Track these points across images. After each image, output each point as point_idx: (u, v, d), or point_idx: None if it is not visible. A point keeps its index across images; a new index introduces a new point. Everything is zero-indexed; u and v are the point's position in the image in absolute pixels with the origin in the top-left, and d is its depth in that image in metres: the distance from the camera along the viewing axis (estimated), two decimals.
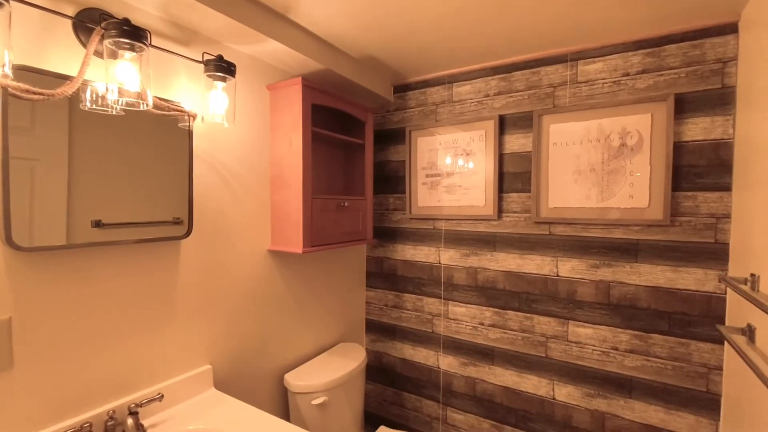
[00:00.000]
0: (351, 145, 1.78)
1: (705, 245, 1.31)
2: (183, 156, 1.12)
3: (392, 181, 1.99)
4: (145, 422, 1.03)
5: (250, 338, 1.41)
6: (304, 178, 1.36)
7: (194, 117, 1.11)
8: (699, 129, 1.31)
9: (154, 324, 1.10)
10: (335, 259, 1.85)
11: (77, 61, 0.89)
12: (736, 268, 1.21)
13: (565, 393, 1.56)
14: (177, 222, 1.12)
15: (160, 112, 1.01)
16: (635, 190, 1.39)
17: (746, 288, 0.99)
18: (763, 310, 0.78)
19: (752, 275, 1.01)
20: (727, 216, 1.28)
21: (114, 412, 0.96)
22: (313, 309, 1.71)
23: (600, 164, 1.45)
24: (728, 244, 1.28)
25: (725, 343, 1.28)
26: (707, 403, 1.32)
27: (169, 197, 1.10)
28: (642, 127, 1.38)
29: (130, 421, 0.97)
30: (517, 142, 1.63)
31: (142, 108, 0.90)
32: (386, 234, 2.01)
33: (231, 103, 1.15)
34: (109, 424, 0.95)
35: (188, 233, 1.14)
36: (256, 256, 1.42)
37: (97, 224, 0.95)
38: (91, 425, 0.91)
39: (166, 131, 1.08)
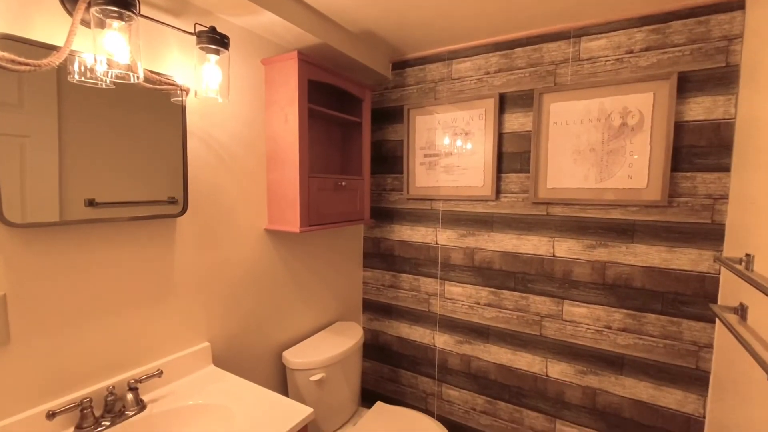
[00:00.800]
0: (348, 124, 1.75)
1: (701, 226, 1.32)
2: (176, 132, 1.09)
3: (390, 161, 1.96)
4: (145, 397, 1.05)
5: (248, 316, 1.42)
6: (301, 156, 1.34)
7: (187, 91, 1.08)
8: (701, 109, 1.30)
9: (151, 301, 1.10)
10: (332, 239, 1.84)
11: (64, 31, 0.85)
12: (731, 249, 1.22)
13: (558, 370, 1.60)
14: (172, 201, 1.10)
15: (151, 86, 0.98)
16: (634, 170, 1.38)
17: (741, 267, 0.99)
18: (758, 288, 0.78)
19: (747, 255, 1.02)
20: (725, 197, 1.28)
21: (114, 387, 0.97)
22: (310, 288, 1.72)
23: (600, 144, 1.43)
24: (724, 224, 1.28)
25: (716, 321, 1.30)
26: (696, 380, 1.35)
27: (163, 175, 1.08)
28: (644, 106, 1.36)
29: (129, 396, 0.98)
30: (516, 122, 1.61)
31: (132, 81, 0.87)
32: (384, 214, 2.01)
33: (225, 77, 1.12)
34: (109, 399, 0.95)
35: (183, 211, 1.12)
36: (253, 235, 1.41)
37: (91, 203, 0.93)
38: (91, 400, 0.92)
39: (158, 107, 1.05)
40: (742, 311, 1.04)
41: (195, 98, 1.14)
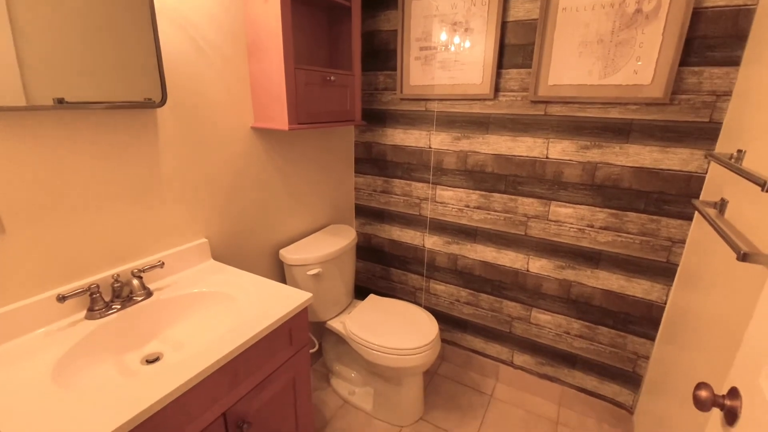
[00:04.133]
0: (335, 8, 1.57)
1: (698, 125, 1.30)
2: (143, 11, 0.96)
3: (382, 55, 1.82)
4: (150, 286, 1.10)
5: (242, 215, 1.43)
6: (285, 43, 1.22)
7: None
8: None
9: (141, 195, 1.09)
10: (323, 141, 1.79)
11: None
12: (723, 147, 1.22)
13: (539, 266, 1.71)
14: (148, 102, 1.02)
15: None
16: (641, 64, 1.31)
17: (731, 162, 1.01)
18: (744, 177, 0.80)
19: (739, 151, 1.03)
20: (728, 93, 1.24)
21: (119, 275, 1.01)
22: (302, 191, 1.72)
23: (609, 34, 1.33)
24: (721, 123, 1.27)
25: (694, 218, 1.37)
26: (664, 272, 1.47)
27: (136, 67, 0.98)
28: None
29: (135, 282, 1.02)
30: (523, 8, 1.46)
31: None
32: (375, 117, 1.93)
33: None
34: (116, 285, 1.00)
35: (163, 102, 1.05)
36: (241, 133, 1.36)
37: (60, 102, 0.87)
38: (98, 286, 0.97)
39: None
40: (721, 206, 1.08)
41: None
